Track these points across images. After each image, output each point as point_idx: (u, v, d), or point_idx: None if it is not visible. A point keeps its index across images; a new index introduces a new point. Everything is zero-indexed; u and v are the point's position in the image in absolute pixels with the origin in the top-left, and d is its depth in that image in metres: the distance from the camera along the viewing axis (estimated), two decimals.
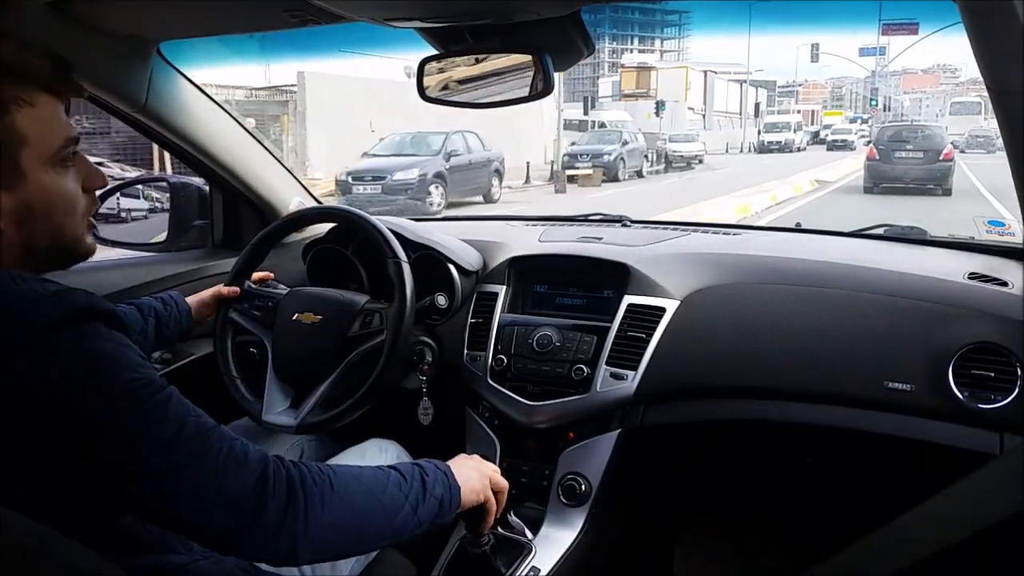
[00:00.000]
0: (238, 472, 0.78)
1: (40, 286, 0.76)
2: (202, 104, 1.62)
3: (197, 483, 0.76)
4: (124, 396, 0.74)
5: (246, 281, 1.49)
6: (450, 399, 1.53)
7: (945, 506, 1.04)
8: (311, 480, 0.82)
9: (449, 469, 0.99)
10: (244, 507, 0.77)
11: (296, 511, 0.79)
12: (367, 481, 0.88)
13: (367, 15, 1.18)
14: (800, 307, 1.34)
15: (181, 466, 0.76)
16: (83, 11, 1.24)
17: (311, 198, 1.93)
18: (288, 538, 0.79)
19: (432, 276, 1.54)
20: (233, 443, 0.80)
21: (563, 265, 1.56)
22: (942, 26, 15.19)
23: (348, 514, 0.84)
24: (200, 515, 0.77)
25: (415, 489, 0.92)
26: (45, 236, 0.83)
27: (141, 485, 0.75)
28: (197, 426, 0.78)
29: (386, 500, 0.88)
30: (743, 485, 1.77)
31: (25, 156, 0.80)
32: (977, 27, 0.85)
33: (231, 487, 0.77)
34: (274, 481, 0.79)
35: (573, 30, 1.20)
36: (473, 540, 1.19)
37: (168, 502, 0.76)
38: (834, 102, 54.39)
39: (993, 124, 5.40)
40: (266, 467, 0.80)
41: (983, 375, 1.18)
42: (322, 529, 0.81)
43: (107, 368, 0.74)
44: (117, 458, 0.74)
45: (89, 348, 0.74)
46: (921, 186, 12.22)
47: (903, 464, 1.44)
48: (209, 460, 0.77)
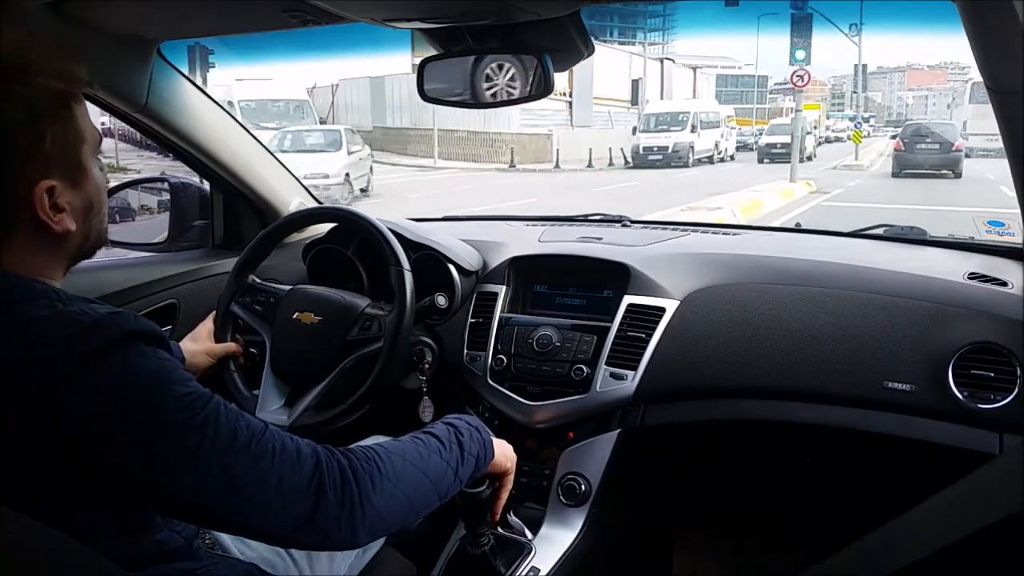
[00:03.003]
0: (293, 468, 0.79)
1: (90, 308, 0.76)
2: (202, 104, 1.62)
3: (259, 486, 0.77)
4: (178, 411, 0.75)
5: (249, 276, 1.49)
6: (450, 399, 1.53)
7: (945, 506, 1.04)
8: (360, 467, 0.84)
9: (480, 423, 1.03)
10: (305, 503, 0.79)
11: (352, 500, 0.81)
12: (411, 456, 0.90)
13: (367, 15, 1.18)
14: (800, 307, 1.34)
15: (242, 473, 0.76)
16: (83, 11, 1.24)
17: (311, 198, 1.93)
18: (348, 526, 0.81)
19: (432, 276, 1.54)
20: (284, 440, 0.81)
21: (563, 265, 1.56)
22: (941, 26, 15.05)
23: (399, 494, 0.87)
24: (265, 517, 0.78)
25: (454, 453, 0.95)
26: (96, 231, 0.86)
27: (204, 496, 0.76)
28: (249, 430, 0.79)
29: (431, 471, 0.91)
30: (743, 485, 1.77)
31: (84, 152, 0.82)
32: (977, 27, 0.85)
33: (290, 484, 0.78)
34: (328, 473, 0.81)
35: (573, 30, 1.20)
36: (473, 540, 1.19)
37: (233, 509, 0.77)
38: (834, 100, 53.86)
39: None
40: (319, 460, 0.81)
41: (983, 375, 1.18)
42: (377, 513, 0.83)
43: (159, 385, 0.75)
44: (177, 473, 0.75)
45: (139, 367, 0.74)
46: (937, 171, 15.14)
47: (903, 464, 1.44)
48: (265, 462, 0.78)
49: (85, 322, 0.74)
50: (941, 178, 15.01)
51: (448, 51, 1.27)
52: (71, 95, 0.80)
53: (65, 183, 0.80)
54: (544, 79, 1.21)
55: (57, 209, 0.80)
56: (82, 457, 0.72)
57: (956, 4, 0.84)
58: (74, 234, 0.82)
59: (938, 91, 67.90)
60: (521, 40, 1.20)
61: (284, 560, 1.11)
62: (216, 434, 0.76)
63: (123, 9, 1.28)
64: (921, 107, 68.77)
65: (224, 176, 1.72)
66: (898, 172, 15.70)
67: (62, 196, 0.80)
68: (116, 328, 0.74)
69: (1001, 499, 0.97)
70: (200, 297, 1.68)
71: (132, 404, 0.73)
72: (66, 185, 0.80)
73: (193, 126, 1.60)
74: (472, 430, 1.01)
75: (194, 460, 0.75)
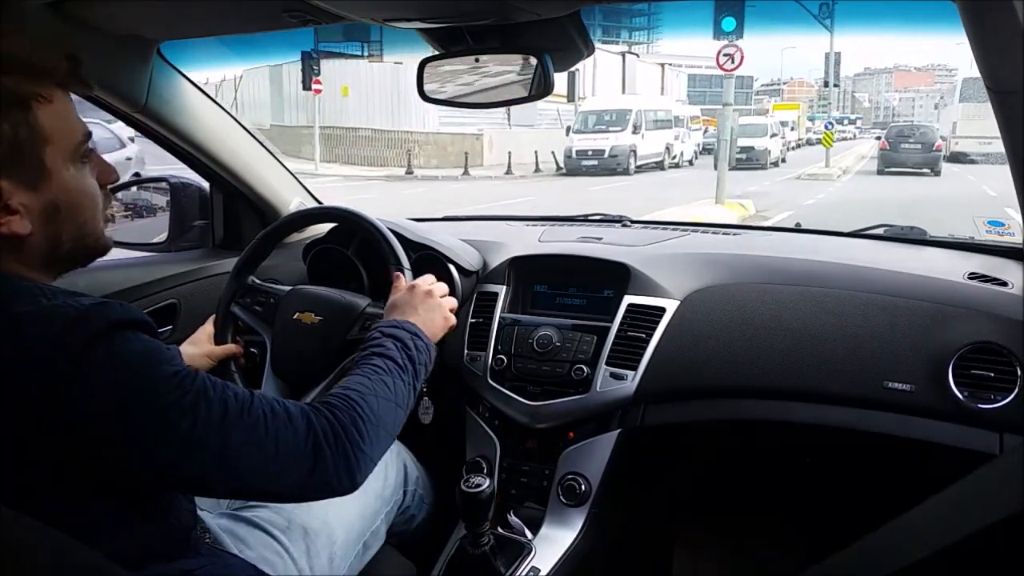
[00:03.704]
0: (288, 431, 0.83)
1: (74, 300, 0.76)
2: (202, 104, 1.62)
3: (259, 454, 0.80)
4: (170, 391, 0.76)
5: (249, 276, 1.49)
6: (450, 399, 1.53)
7: (945, 506, 1.04)
8: (346, 419, 0.89)
9: (417, 328, 1.10)
10: (305, 462, 0.83)
11: (346, 451, 0.86)
12: (383, 392, 0.96)
13: (367, 15, 1.18)
14: (800, 307, 1.34)
15: (240, 444, 0.79)
16: (83, 11, 1.24)
17: (311, 198, 1.93)
18: (347, 475, 0.87)
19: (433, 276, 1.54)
20: (273, 405, 0.84)
21: (563, 265, 1.56)
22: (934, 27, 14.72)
23: (383, 432, 0.93)
24: (269, 479, 0.82)
25: (410, 371, 1.03)
26: (70, 235, 0.84)
27: (208, 472, 0.79)
28: (238, 400, 0.81)
29: (400, 399, 0.99)
30: (743, 485, 1.77)
31: (49, 154, 0.80)
32: (977, 27, 0.85)
33: (287, 448, 0.82)
34: (320, 428, 0.85)
35: (573, 30, 1.20)
36: (473, 540, 1.19)
37: (237, 479, 0.80)
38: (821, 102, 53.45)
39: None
40: (309, 419, 0.86)
41: (983, 375, 1.18)
42: (368, 456, 0.90)
43: (148, 367, 0.76)
44: (178, 453, 0.77)
45: (127, 352, 0.75)
46: (919, 169, 16.44)
47: (903, 464, 1.44)
48: (260, 429, 0.81)
49: (71, 314, 0.74)
50: (923, 175, 16.26)
51: (448, 51, 1.27)
52: (32, 94, 0.78)
53: (17, 184, 0.78)
54: (544, 79, 1.21)
55: (8, 211, 0.77)
56: (82, 449, 0.73)
57: (956, 4, 0.84)
58: (34, 238, 0.79)
59: (925, 93, 67.84)
60: (521, 40, 1.20)
61: (284, 559, 1.11)
62: (209, 410, 0.78)
63: (123, 9, 1.28)
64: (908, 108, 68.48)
65: (224, 176, 1.72)
66: (883, 169, 17.07)
67: (14, 197, 0.77)
68: (102, 318, 0.75)
69: (1001, 499, 0.97)
70: (200, 297, 1.68)
71: (126, 390, 0.74)
72: (19, 186, 0.78)
73: (193, 126, 1.60)
74: (414, 338, 1.07)
75: (192, 439, 0.77)
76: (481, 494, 1.14)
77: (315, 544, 1.15)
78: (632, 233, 1.75)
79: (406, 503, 1.38)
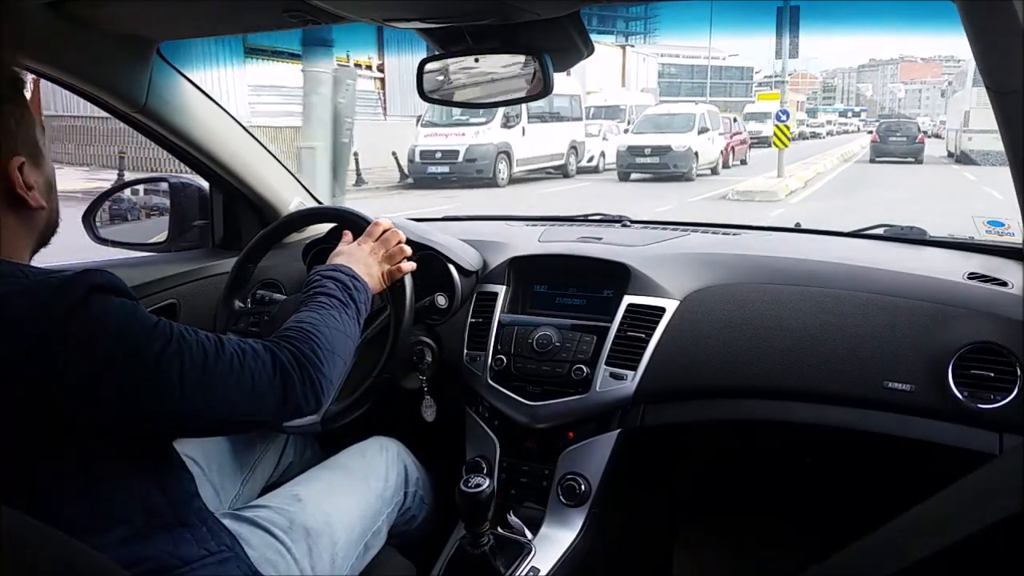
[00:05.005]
0: (257, 365, 0.91)
1: (53, 274, 0.81)
2: (202, 104, 1.62)
3: (238, 386, 0.88)
4: (155, 339, 0.83)
5: (236, 302, 1.49)
6: (450, 399, 1.53)
7: (945, 506, 1.04)
8: (305, 347, 0.97)
9: (354, 271, 1.18)
10: (277, 390, 0.92)
11: (310, 376, 0.95)
12: (333, 324, 1.05)
13: (367, 15, 1.18)
14: (800, 307, 1.34)
15: (222, 378, 0.87)
16: (83, 11, 1.24)
17: (311, 198, 1.93)
18: (313, 397, 0.96)
19: (432, 276, 1.54)
20: (239, 343, 0.92)
21: (563, 265, 1.56)
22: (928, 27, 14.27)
23: (337, 358, 1.02)
24: (249, 409, 0.90)
25: (352, 307, 1.12)
26: (56, 212, 0.93)
27: (197, 405, 0.85)
28: (212, 342, 0.88)
29: (348, 330, 1.08)
30: (743, 485, 1.77)
31: (39, 134, 0.88)
32: (977, 27, 0.85)
33: (260, 380, 0.90)
34: (284, 359, 0.94)
35: (573, 30, 1.20)
36: (473, 540, 1.19)
37: (223, 410, 0.88)
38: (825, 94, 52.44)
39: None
40: (273, 352, 0.94)
41: (983, 375, 1.18)
42: (328, 379, 0.99)
43: (131, 321, 0.82)
44: (171, 392, 0.83)
45: (110, 311, 0.81)
46: (904, 159, 18.79)
47: (903, 464, 1.44)
48: (236, 364, 0.89)
49: (54, 284, 0.79)
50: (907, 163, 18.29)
51: (448, 51, 1.27)
52: (21, 80, 0.85)
53: (30, 162, 0.86)
54: (544, 79, 1.21)
55: (28, 187, 0.85)
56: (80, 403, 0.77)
57: (956, 4, 0.84)
58: (44, 212, 0.88)
59: (932, 84, 67.32)
60: (521, 40, 1.20)
61: (286, 559, 1.11)
62: (191, 353, 0.85)
63: (123, 9, 1.28)
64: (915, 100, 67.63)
65: (224, 176, 1.72)
66: (874, 158, 19.40)
67: (30, 175, 0.86)
68: (85, 282, 0.80)
69: (1001, 499, 0.97)
70: (200, 297, 1.68)
71: (116, 343, 0.80)
72: (30, 164, 0.86)
73: (192, 126, 1.60)
74: (352, 279, 1.15)
75: (183, 380, 0.83)
76: (481, 494, 1.14)
77: (317, 545, 1.15)
78: (632, 233, 1.75)
79: (407, 504, 1.39)
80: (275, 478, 1.45)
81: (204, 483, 1.26)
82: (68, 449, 0.79)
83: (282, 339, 0.98)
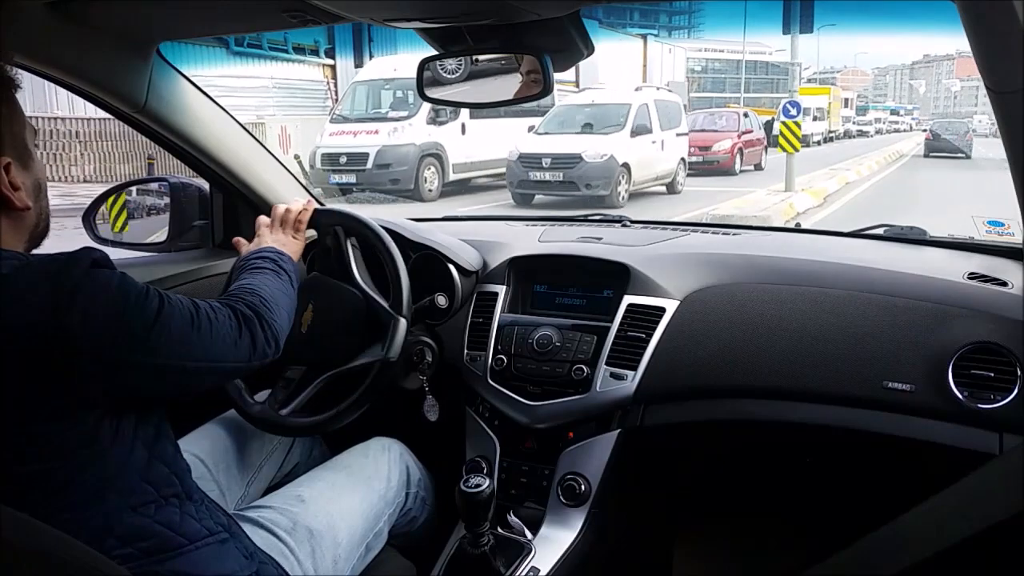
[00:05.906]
0: (225, 318, 0.99)
1: (54, 255, 0.85)
2: (202, 104, 1.62)
3: (222, 338, 0.97)
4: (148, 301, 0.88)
5: None
6: (450, 399, 1.53)
7: (945, 506, 1.04)
8: (255, 300, 1.08)
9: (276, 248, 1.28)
10: (245, 338, 1.01)
11: (265, 324, 1.05)
12: (272, 284, 1.15)
13: (367, 15, 1.18)
14: (800, 307, 1.34)
15: (208, 333, 0.95)
16: (83, 11, 1.24)
17: (311, 199, 1.93)
18: (272, 342, 1.06)
19: (432, 276, 1.54)
20: (203, 302, 0.98)
21: (563, 265, 1.56)
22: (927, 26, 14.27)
23: (281, 311, 1.12)
24: (231, 358, 0.99)
25: (285, 276, 1.21)
26: (45, 213, 0.95)
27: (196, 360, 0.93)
28: (188, 302, 0.95)
29: (286, 291, 1.18)
30: (743, 485, 1.77)
31: (28, 136, 0.90)
32: (977, 27, 0.85)
33: (231, 330, 0.99)
34: (242, 313, 1.03)
35: (573, 30, 1.20)
36: (473, 540, 1.19)
37: (212, 360, 0.96)
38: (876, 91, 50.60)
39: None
40: (231, 307, 1.03)
41: (983, 375, 1.18)
42: (279, 326, 1.09)
43: (124, 290, 0.87)
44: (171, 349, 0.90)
45: (105, 284, 0.86)
46: (954, 154, 20.56)
47: (903, 464, 1.44)
48: (214, 320, 0.97)
49: (61, 260, 0.84)
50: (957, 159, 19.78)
51: (448, 51, 1.27)
52: (12, 79, 0.87)
53: (17, 163, 0.88)
54: (544, 79, 1.21)
55: (14, 188, 0.87)
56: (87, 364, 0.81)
57: (956, 4, 0.83)
58: (31, 213, 0.90)
59: None
60: (521, 40, 1.20)
61: (289, 560, 1.11)
62: (180, 312, 0.92)
63: (123, 9, 1.28)
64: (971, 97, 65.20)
65: (224, 176, 1.72)
66: (927, 154, 21.45)
67: (17, 176, 0.88)
68: (87, 260, 0.85)
69: (1001, 499, 0.97)
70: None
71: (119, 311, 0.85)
72: (18, 166, 0.88)
73: (193, 126, 1.60)
74: (278, 254, 1.25)
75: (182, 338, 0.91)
76: (481, 494, 1.14)
77: (320, 545, 1.16)
78: (632, 233, 1.75)
79: (408, 505, 1.39)
80: (280, 478, 1.45)
81: (210, 483, 1.26)
82: (77, 413, 0.83)
83: (231, 297, 1.08)
